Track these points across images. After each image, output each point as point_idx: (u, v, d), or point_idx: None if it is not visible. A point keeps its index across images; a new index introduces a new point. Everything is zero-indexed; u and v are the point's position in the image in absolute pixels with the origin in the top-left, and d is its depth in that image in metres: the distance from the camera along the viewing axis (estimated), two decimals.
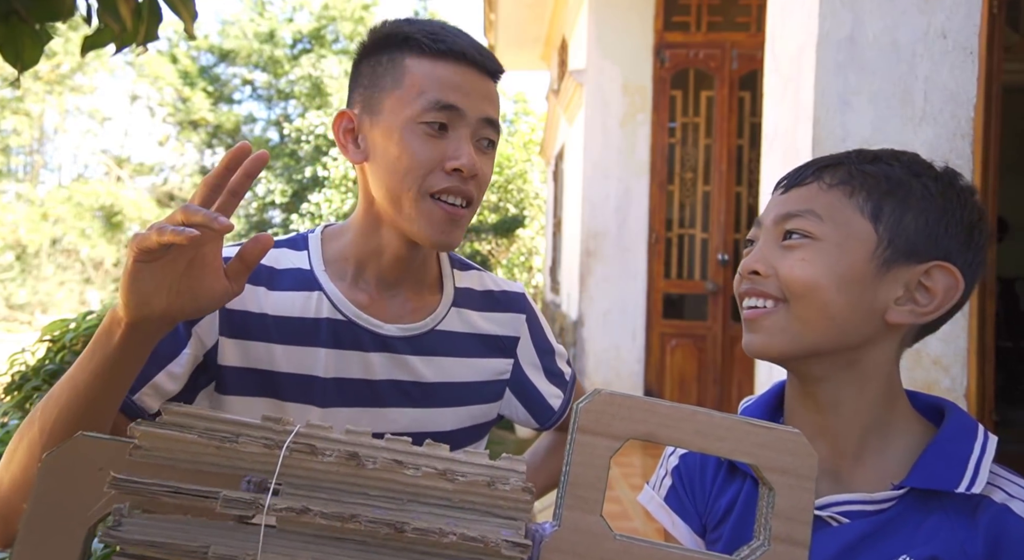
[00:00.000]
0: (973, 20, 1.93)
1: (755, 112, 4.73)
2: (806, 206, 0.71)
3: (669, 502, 0.82)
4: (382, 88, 0.87)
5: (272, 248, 0.90)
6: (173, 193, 20.18)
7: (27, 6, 1.35)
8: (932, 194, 0.70)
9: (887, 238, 0.69)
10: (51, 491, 0.48)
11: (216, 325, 0.85)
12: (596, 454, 0.49)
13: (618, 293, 4.92)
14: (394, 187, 0.86)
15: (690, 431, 0.49)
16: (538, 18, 7.66)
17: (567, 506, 0.48)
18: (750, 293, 0.73)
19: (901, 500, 0.68)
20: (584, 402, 0.49)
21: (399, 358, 0.91)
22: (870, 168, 0.71)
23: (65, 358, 2.56)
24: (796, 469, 0.49)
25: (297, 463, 0.48)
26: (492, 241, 11.54)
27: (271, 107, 21.27)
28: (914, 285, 0.69)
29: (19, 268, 17.29)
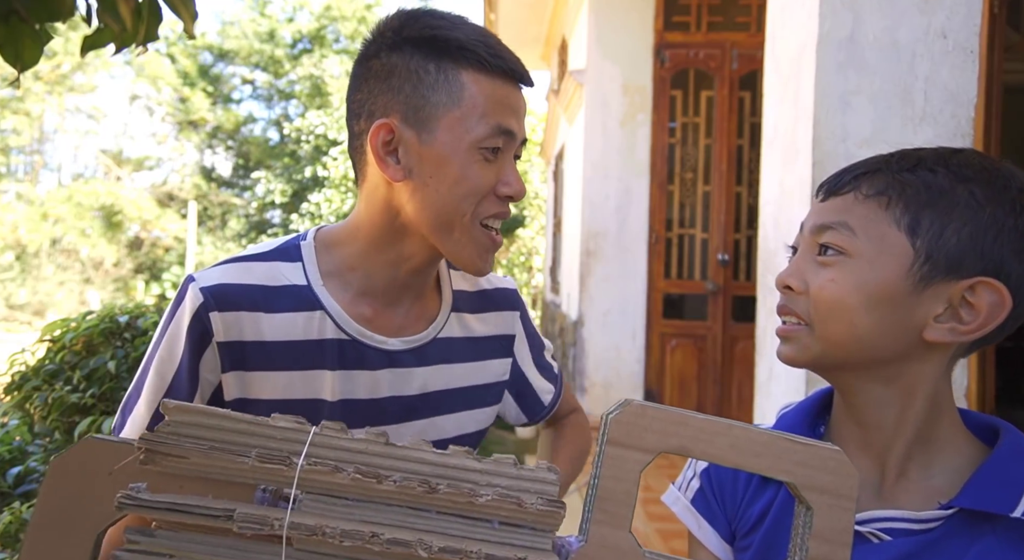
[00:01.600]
0: (973, 20, 1.93)
1: (755, 112, 4.73)
2: (840, 218, 0.67)
3: (696, 505, 0.79)
4: (435, 103, 0.80)
5: (263, 261, 0.86)
6: (173, 193, 20.17)
7: (27, 6, 1.35)
8: (979, 202, 0.64)
9: (925, 252, 0.64)
10: (60, 495, 0.47)
11: (218, 362, 0.81)
12: (626, 468, 0.47)
13: (618, 293, 4.92)
14: (447, 210, 0.81)
15: (724, 446, 0.47)
16: (538, 18, 7.65)
17: (595, 521, 0.47)
18: (783, 310, 0.71)
19: (948, 521, 0.64)
20: (614, 413, 0.48)
21: (405, 373, 0.88)
22: (909, 176, 0.66)
23: (65, 358, 2.56)
24: (836, 488, 0.47)
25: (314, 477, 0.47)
26: None
27: (271, 107, 21.27)
28: (957, 301, 0.65)
29: (19, 268, 17.29)
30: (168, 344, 0.82)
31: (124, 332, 2.62)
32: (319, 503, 0.47)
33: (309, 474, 0.46)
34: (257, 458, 0.46)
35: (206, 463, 0.46)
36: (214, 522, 0.45)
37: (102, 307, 2.79)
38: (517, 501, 0.47)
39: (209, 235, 19.68)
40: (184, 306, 0.81)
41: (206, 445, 0.46)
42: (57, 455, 0.47)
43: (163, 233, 19.04)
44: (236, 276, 0.83)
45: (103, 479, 0.47)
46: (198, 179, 20.44)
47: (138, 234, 18.85)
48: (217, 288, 0.81)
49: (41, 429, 2.54)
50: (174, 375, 0.81)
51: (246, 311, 0.81)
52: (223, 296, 0.81)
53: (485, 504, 0.47)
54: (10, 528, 1.99)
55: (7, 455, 2.45)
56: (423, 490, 0.46)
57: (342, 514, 0.46)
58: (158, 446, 0.46)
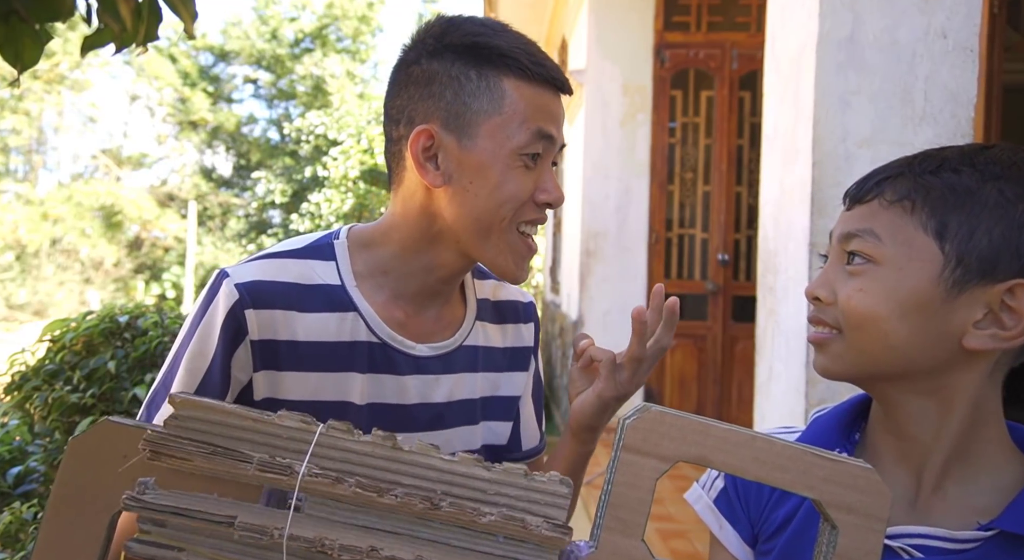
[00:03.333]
0: (973, 20, 1.93)
1: (755, 112, 4.72)
2: (866, 225, 0.65)
3: (719, 505, 0.78)
4: (476, 110, 0.80)
5: (298, 258, 0.85)
6: (173, 193, 20.17)
7: (27, 6, 1.35)
8: (1009, 200, 0.62)
9: (955, 257, 0.62)
10: (77, 475, 0.48)
11: (251, 360, 0.80)
12: (641, 475, 0.46)
13: (618, 293, 4.92)
14: (487, 216, 0.81)
15: (747, 458, 0.46)
16: (538, 18, 7.65)
17: (606, 528, 0.46)
18: (814, 320, 0.69)
19: (987, 543, 0.61)
20: (632, 419, 0.46)
21: (431, 379, 0.87)
22: (932, 179, 0.64)
23: (65, 358, 2.56)
24: (865, 508, 0.45)
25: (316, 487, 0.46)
26: None
27: (272, 107, 21.28)
28: (997, 306, 0.62)
29: (19, 268, 17.29)
30: (200, 339, 0.81)
31: (124, 332, 2.62)
32: (322, 507, 0.46)
33: (310, 484, 0.45)
34: (258, 466, 0.45)
35: (209, 466, 0.46)
36: (216, 528, 0.45)
37: (102, 307, 2.79)
38: (522, 523, 0.45)
39: (209, 235, 19.68)
40: (218, 302, 0.80)
41: (208, 449, 0.46)
42: (75, 436, 0.48)
43: (163, 233, 19.05)
44: (271, 273, 0.82)
45: (119, 463, 0.47)
46: (198, 179, 20.44)
47: (138, 234, 18.85)
48: (252, 285, 0.80)
49: (41, 429, 2.54)
50: (206, 371, 0.80)
51: (280, 310, 0.81)
52: (258, 293, 0.80)
53: (489, 524, 0.45)
54: (10, 528, 1.98)
55: (7, 455, 2.45)
56: (425, 507, 0.45)
57: (344, 519, 0.46)
58: (162, 447, 0.46)
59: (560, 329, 6.27)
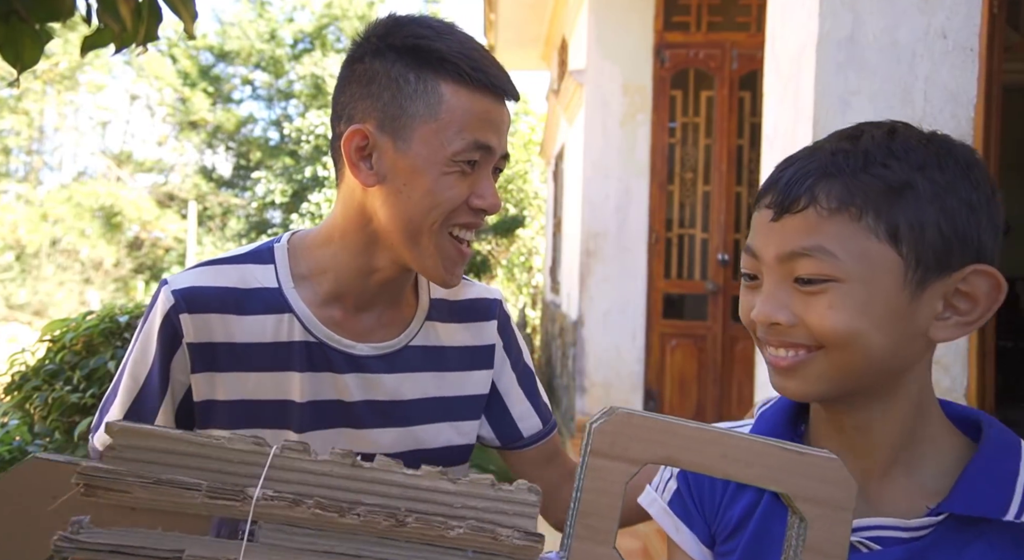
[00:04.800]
0: (973, 20, 1.93)
1: (755, 112, 4.72)
2: (812, 242, 0.60)
3: (673, 507, 0.76)
4: (412, 114, 0.81)
5: (236, 264, 0.87)
6: (173, 193, 20.17)
7: (27, 6, 1.35)
8: (943, 188, 0.60)
9: (913, 258, 0.60)
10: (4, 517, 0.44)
11: (188, 363, 0.82)
12: (610, 480, 0.44)
13: (618, 293, 4.92)
14: (416, 219, 0.82)
15: (715, 455, 0.45)
16: (538, 18, 7.65)
17: (577, 536, 0.44)
18: (776, 344, 0.64)
19: (938, 526, 0.62)
20: (598, 422, 0.45)
21: (372, 378, 0.88)
22: (866, 178, 0.61)
23: (65, 358, 2.56)
24: (832, 499, 0.45)
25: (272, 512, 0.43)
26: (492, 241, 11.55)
27: (272, 107, 21.28)
28: (952, 294, 0.61)
29: (19, 268, 17.29)
30: (141, 346, 0.84)
31: (124, 332, 2.63)
32: (278, 533, 0.43)
33: (266, 509, 0.42)
34: (207, 493, 0.42)
35: (152, 498, 0.42)
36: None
37: (102, 307, 2.79)
38: (492, 535, 0.44)
39: (209, 235, 19.68)
40: (156, 309, 0.83)
41: (151, 478, 0.42)
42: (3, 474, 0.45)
43: (163, 233, 19.04)
44: (207, 279, 0.84)
45: (48, 504, 0.43)
46: (198, 179, 20.44)
47: (138, 234, 18.85)
48: (188, 291, 0.83)
49: (41, 429, 2.54)
50: (146, 376, 0.83)
51: (216, 313, 0.83)
52: (193, 298, 0.82)
53: (457, 537, 0.43)
54: None
55: (7, 455, 2.45)
56: (389, 524, 0.43)
57: (303, 545, 0.43)
58: (97, 481, 0.42)
59: (560, 329, 6.27)
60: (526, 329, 9.11)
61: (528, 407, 1.01)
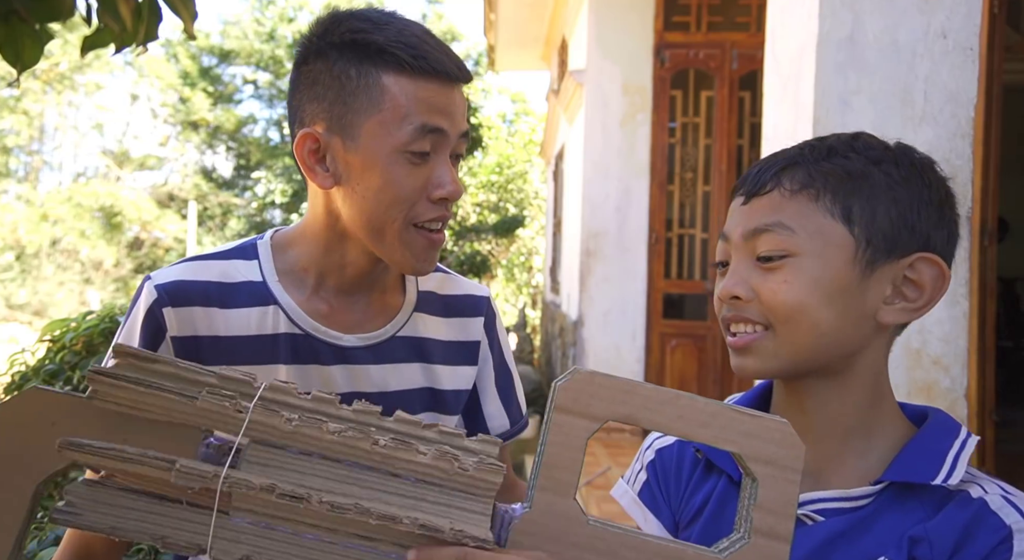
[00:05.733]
0: (973, 20, 1.93)
1: (755, 112, 4.72)
2: (773, 218, 0.67)
3: (643, 497, 0.80)
4: (356, 109, 0.80)
5: (220, 259, 0.87)
6: (173, 193, 20.18)
7: (27, 6, 1.35)
8: (896, 181, 0.66)
9: (864, 238, 0.65)
10: (2, 443, 0.47)
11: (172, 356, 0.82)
12: (572, 435, 0.47)
13: (618, 293, 4.92)
14: (376, 217, 0.81)
15: (672, 415, 0.47)
16: (538, 18, 7.65)
17: (540, 488, 0.47)
18: (734, 319, 0.69)
19: (878, 497, 0.66)
20: (562, 381, 0.48)
21: (359, 369, 0.87)
22: (827, 165, 0.67)
23: (65, 358, 2.56)
24: (782, 460, 0.47)
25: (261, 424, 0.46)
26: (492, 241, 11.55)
27: (272, 107, 21.28)
28: (900, 281, 0.67)
29: (19, 268, 17.29)
30: (125, 340, 0.83)
31: None
32: (263, 453, 0.46)
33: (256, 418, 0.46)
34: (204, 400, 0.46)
35: (153, 403, 0.46)
36: (155, 470, 0.44)
37: (102, 307, 2.79)
38: (456, 458, 0.47)
39: (209, 235, 19.68)
40: (139, 303, 0.83)
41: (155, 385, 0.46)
42: (2, 403, 0.47)
43: (163, 234, 19.04)
44: (191, 273, 0.84)
45: (46, 430, 0.46)
46: (198, 179, 20.44)
47: (138, 235, 18.85)
48: (171, 285, 0.83)
49: None
50: None
51: (200, 307, 0.83)
52: (177, 292, 0.82)
53: (424, 462, 0.46)
54: None
55: None
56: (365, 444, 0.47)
57: (284, 465, 0.46)
58: (104, 379, 0.46)
59: (560, 329, 6.27)
60: (526, 329, 9.11)
61: (499, 406, 1.01)
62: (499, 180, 12.21)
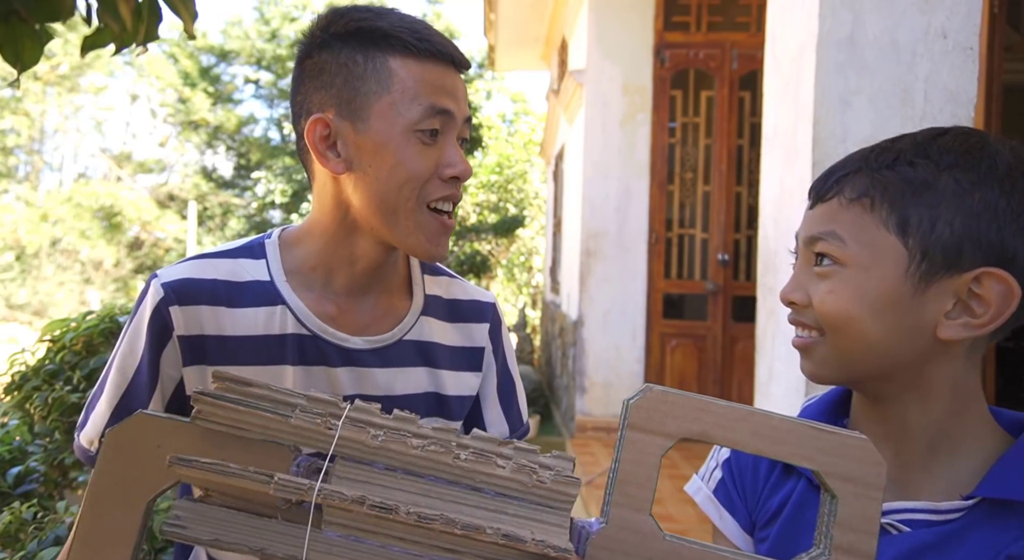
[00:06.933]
0: (973, 20, 1.93)
1: (755, 112, 4.73)
2: (828, 227, 0.66)
3: (718, 495, 0.79)
4: (365, 93, 0.81)
5: (228, 257, 0.87)
6: (173, 193, 20.18)
7: (27, 6, 1.35)
8: (965, 189, 0.62)
9: (919, 251, 0.62)
10: (113, 465, 0.50)
11: (179, 356, 0.81)
12: (646, 451, 0.47)
13: (618, 293, 4.92)
14: (390, 198, 0.81)
15: (747, 432, 0.47)
16: (538, 18, 7.65)
17: (615, 504, 0.47)
18: (794, 323, 0.70)
19: (970, 512, 0.63)
20: (636, 398, 0.48)
21: (365, 372, 0.87)
22: (888, 174, 0.64)
23: (65, 358, 2.56)
24: (862, 477, 0.46)
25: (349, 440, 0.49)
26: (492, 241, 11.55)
27: (273, 107, 21.28)
28: (965, 295, 0.62)
29: (19, 268, 17.29)
30: (130, 340, 0.83)
31: None
32: (351, 469, 0.48)
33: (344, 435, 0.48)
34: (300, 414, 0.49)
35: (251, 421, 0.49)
36: (255, 484, 0.47)
37: (102, 307, 2.78)
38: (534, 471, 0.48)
39: (209, 235, 19.68)
40: (145, 302, 0.83)
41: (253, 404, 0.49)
42: (111, 428, 0.51)
43: (163, 233, 19.05)
44: (198, 271, 0.84)
45: (152, 451, 0.50)
46: (198, 179, 20.44)
47: (138, 235, 18.85)
48: (178, 283, 0.82)
49: (41, 429, 2.54)
50: (135, 371, 0.82)
51: (207, 306, 0.82)
52: (183, 291, 0.82)
53: (504, 475, 0.48)
54: (10, 528, 1.98)
55: (7, 455, 2.45)
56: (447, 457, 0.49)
57: (371, 480, 0.48)
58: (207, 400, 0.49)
59: (560, 329, 6.27)
60: (526, 329, 9.11)
61: (500, 413, 1.00)
62: (499, 180, 12.20)
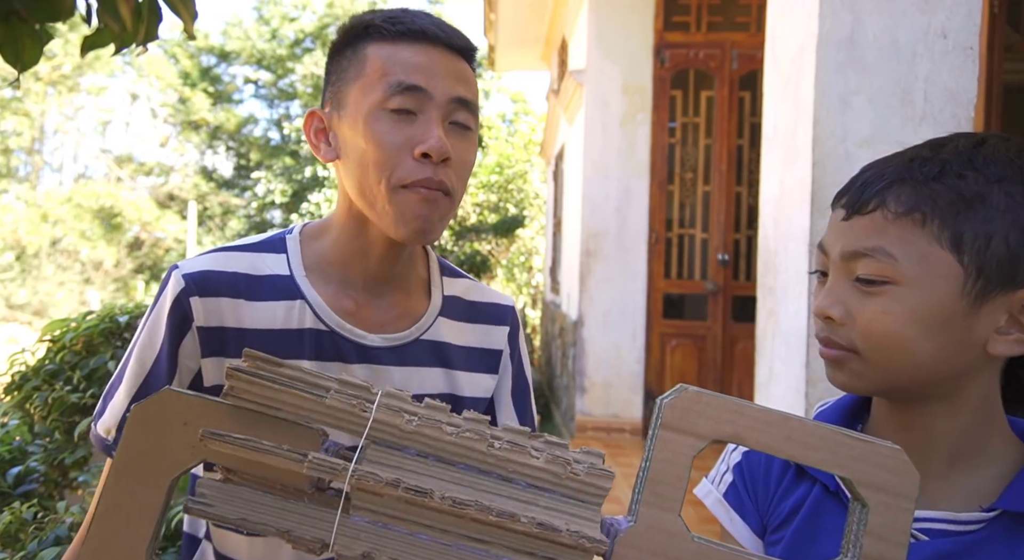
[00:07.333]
0: (973, 20, 1.93)
1: (755, 112, 4.72)
2: (875, 243, 0.62)
3: (728, 498, 0.79)
4: (346, 81, 0.83)
5: (248, 251, 0.87)
6: (173, 193, 20.17)
7: (27, 6, 1.35)
8: (1018, 203, 0.60)
9: (975, 268, 0.60)
10: (138, 441, 0.49)
11: (198, 347, 0.81)
12: (678, 452, 0.47)
13: (618, 293, 4.92)
14: (364, 181, 0.80)
15: (780, 437, 0.47)
16: (538, 18, 7.65)
17: (645, 502, 0.47)
18: (825, 341, 0.66)
19: (991, 524, 0.63)
20: (669, 398, 0.48)
21: (382, 370, 0.87)
22: (938, 186, 0.61)
23: (65, 358, 2.56)
24: (895, 487, 0.46)
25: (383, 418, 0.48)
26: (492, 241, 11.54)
27: (273, 107, 21.28)
28: (1017, 310, 0.61)
29: (19, 268, 17.29)
30: (149, 330, 0.83)
31: (124, 332, 2.63)
32: (383, 453, 0.48)
33: (379, 417, 0.48)
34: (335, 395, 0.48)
35: (285, 400, 0.48)
36: (288, 462, 0.47)
37: (102, 307, 2.79)
38: (568, 463, 0.48)
39: (209, 235, 19.68)
40: (166, 293, 0.83)
41: (286, 382, 0.49)
42: (137, 404, 0.50)
43: (163, 234, 19.04)
44: (219, 264, 0.84)
45: (178, 428, 0.49)
46: (198, 179, 20.44)
47: (138, 235, 18.85)
48: (199, 275, 0.82)
49: (41, 429, 2.54)
50: (154, 361, 0.82)
51: (227, 297, 0.82)
52: (204, 282, 0.82)
53: (538, 466, 0.48)
54: (10, 528, 1.98)
55: (7, 455, 2.45)
56: (481, 445, 0.48)
57: (403, 465, 0.48)
58: (242, 376, 0.49)
59: (560, 329, 6.27)
60: (526, 329, 9.12)
61: (513, 416, 1.00)
62: (499, 180, 12.20)
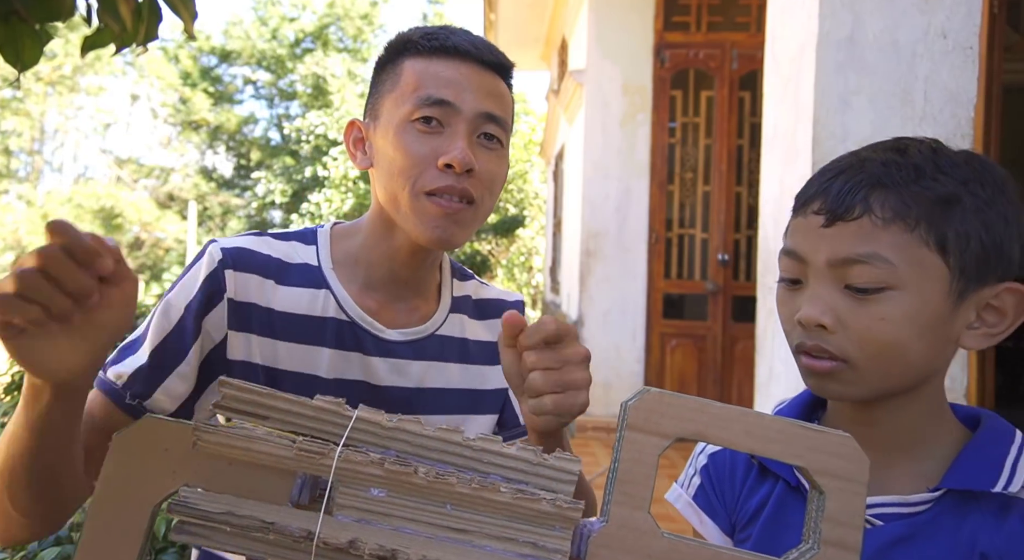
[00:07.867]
0: (973, 20, 1.93)
1: (755, 112, 4.72)
2: (869, 249, 0.63)
3: (697, 501, 0.81)
4: (382, 93, 0.88)
5: (283, 239, 0.92)
6: (173, 193, 20.18)
7: (27, 6, 1.35)
8: (985, 202, 0.63)
9: (958, 268, 0.63)
10: (120, 469, 0.50)
11: (225, 318, 0.84)
12: (644, 451, 0.49)
13: (618, 293, 4.92)
14: (391, 188, 0.85)
15: (740, 432, 0.49)
16: (538, 18, 7.65)
17: (615, 502, 0.49)
18: (812, 350, 0.66)
19: (937, 503, 0.66)
20: (633, 400, 0.50)
21: (400, 364, 0.90)
22: (918, 189, 0.63)
23: None
24: (847, 473, 0.49)
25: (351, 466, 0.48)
26: (492, 241, 11.55)
27: (273, 107, 21.28)
28: (983, 306, 0.65)
29: None
30: (180, 292, 0.85)
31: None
32: (352, 495, 0.48)
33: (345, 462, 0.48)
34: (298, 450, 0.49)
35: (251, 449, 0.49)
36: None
37: None
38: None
39: (209, 235, 19.69)
40: (202, 261, 0.86)
41: (250, 430, 0.49)
42: (118, 433, 0.51)
43: (163, 234, 19.05)
44: (255, 245, 0.89)
45: (159, 455, 0.50)
46: (198, 179, 20.44)
47: (138, 235, 18.85)
48: (236, 250, 0.86)
49: None
50: (179, 319, 0.83)
51: (258, 276, 0.86)
52: (240, 257, 0.86)
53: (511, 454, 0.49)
54: None
55: None
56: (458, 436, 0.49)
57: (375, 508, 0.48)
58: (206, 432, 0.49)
59: None
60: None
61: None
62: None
